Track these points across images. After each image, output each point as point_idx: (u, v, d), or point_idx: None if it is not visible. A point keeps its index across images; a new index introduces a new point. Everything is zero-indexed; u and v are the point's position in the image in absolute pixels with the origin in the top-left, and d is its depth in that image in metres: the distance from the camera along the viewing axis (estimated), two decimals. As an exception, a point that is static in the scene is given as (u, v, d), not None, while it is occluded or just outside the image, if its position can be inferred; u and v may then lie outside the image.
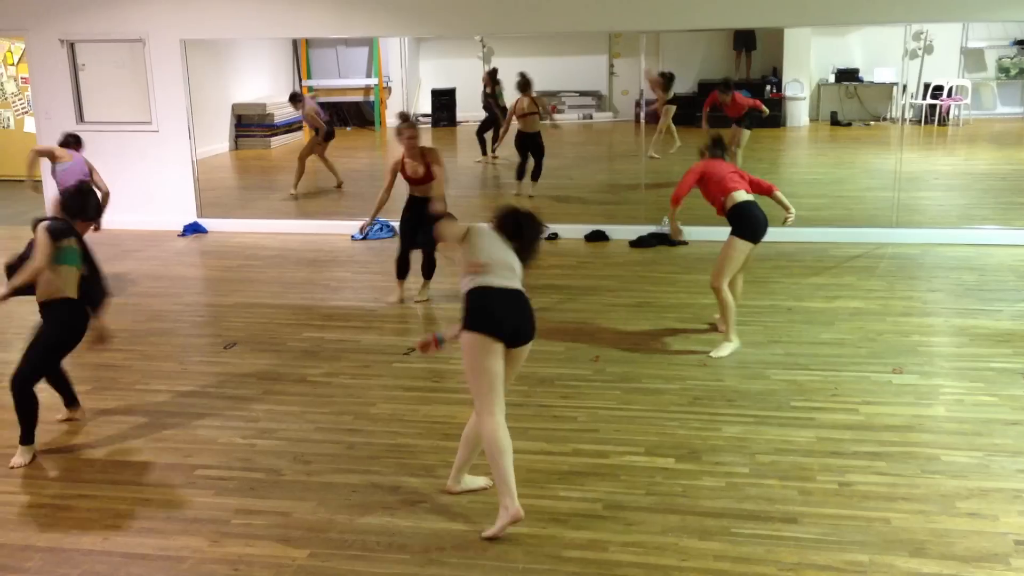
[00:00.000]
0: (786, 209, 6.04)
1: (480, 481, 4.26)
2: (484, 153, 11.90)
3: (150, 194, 9.77)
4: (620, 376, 5.48)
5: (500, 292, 3.87)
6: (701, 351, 5.96)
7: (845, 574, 3.57)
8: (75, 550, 3.88)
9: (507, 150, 11.14)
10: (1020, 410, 4.99)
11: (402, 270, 7.22)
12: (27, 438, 4.66)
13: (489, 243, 3.98)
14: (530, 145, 10.28)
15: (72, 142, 7.64)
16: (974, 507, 4.03)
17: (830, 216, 9.45)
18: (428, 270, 7.29)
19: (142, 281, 8.00)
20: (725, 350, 5.87)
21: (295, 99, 11.29)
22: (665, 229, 8.94)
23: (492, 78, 11.70)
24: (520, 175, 10.37)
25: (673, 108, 11.20)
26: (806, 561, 3.66)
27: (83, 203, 4.85)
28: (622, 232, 9.04)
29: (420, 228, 6.91)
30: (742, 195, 5.89)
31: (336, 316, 6.92)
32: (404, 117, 7.03)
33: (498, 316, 3.85)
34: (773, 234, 8.31)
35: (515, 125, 10.46)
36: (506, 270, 3.93)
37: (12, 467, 4.60)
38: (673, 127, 11.27)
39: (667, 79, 11.16)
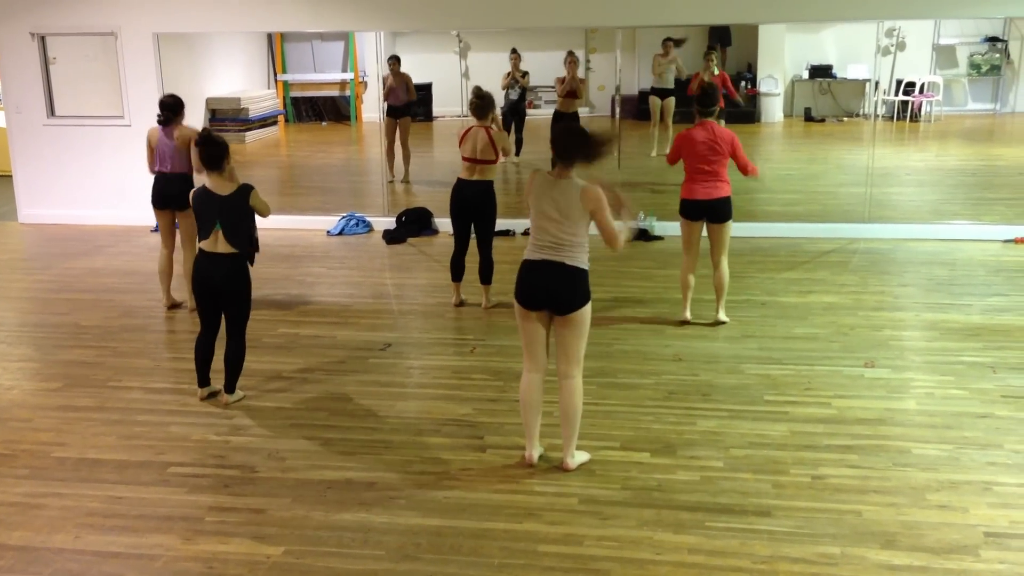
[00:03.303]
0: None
1: (586, 456, 4.46)
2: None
3: (122, 189, 9.68)
4: (595, 371, 5.49)
5: (533, 264, 4.24)
6: (676, 345, 6.00)
7: (817, 566, 3.61)
8: (46, 549, 3.85)
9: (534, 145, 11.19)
10: (990, 403, 5.06)
11: (457, 272, 6.84)
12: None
13: (537, 195, 4.26)
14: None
15: (161, 116, 6.68)
16: (944, 499, 4.08)
17: (803, 211, 9.53)
18: (486, 273, 6.75)
19: (114, 277, 7.93)
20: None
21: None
22: (642, 224, 8.98)
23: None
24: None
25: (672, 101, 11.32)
26: (779, 554, 3.69)
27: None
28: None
29: (477, 219, 6.68)
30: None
31: (311, 312, 6.89)
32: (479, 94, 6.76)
33: (527, 288, 4.26)
34: (747, 229, 8.46)
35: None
36: (547, 232, 4.20)
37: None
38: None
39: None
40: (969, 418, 4.88)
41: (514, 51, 11.47)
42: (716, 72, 10.60)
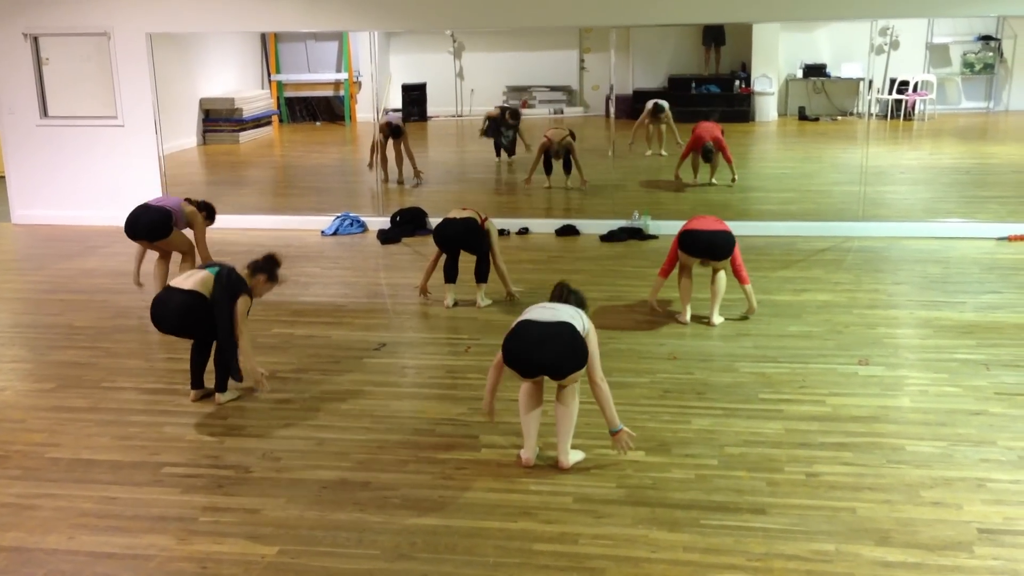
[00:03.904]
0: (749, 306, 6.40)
1: (580, 454, 4.47)
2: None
3: (116, 189, 9.66)
4: (590, 370, 5.49)
5: (531, 331, 4.29)
6: (671, 344, 6.00)
7: (812, 563, 3.61)
8: (40, 550, 3.84)
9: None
10: (983, 400, 5.07)
11: (450, 275, 6.87)
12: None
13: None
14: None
15: (200, 201, 7.17)
16: (938, 496, 4.08)
17: (798, 210, 9.53)
18: (482, 272, 6.81)
19: (107, 277, 7.91)
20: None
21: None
22: (636, 223, 8.99)
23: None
24: (548, 170, 10.30)
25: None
26: (774, 551, 3.69)
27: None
28: (592, 227, 9.06)
29: (466, 249, 6.80)
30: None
31: (305, 312, 6.88)
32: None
33: (523, 362, 4.30)
34: (741, 228, 8.44)
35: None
36: (545, 309, 4.39)
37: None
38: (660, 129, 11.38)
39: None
40: (963, 415, 4.89)
41: (515, 116, 11.43)
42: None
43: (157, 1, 9.23)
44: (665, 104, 11.01)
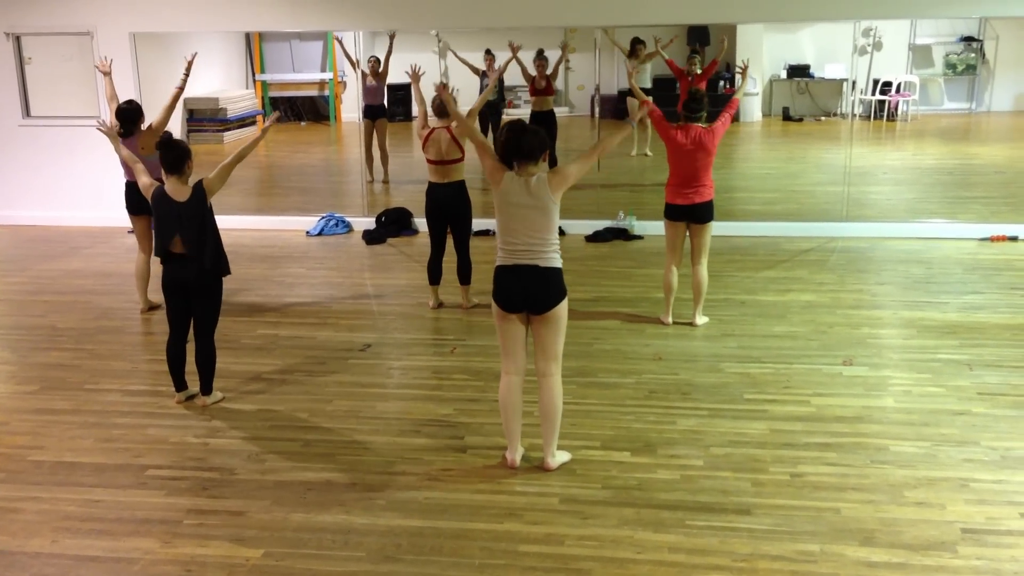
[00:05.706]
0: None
1: (566, 455, 4.48)
2: None
3: (99, 190, 9.60)
4: (575, 371, 5.50)
5: (508, 269, 4.25)
6: (656, 345, 6.01)
7: (796, 564, 3.63)
8: (23, 553, 3.81)
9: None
10: (966, 400, 5.10)
11: (435, 275, 6.84)
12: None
13: (505, 195, 4.28)
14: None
15: (121, 129, 6.59)
16: (922, 496, 4.11)
17: (782, 210, 9.57)
18: (464, 273, 6.79)
19: (91, 278, 7.87)
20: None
21: None
22: (621, 224, 9.00)
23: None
24: None
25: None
26: (759, 552, 3.71)
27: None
28: (578, 227, 9.07)
29: (453, 221, 6.71)
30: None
31: (291, 313, 6.86)
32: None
33: (504, 291, 4.25)
34: (726, 228, 8.49)
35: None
36: (517, 236, 4.23)
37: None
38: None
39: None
40: (946, 415, 4.92)
41: (488, 52, 11.47)
42: (699, 71, 10.59)
43: (141, 0, 9.18)
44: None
